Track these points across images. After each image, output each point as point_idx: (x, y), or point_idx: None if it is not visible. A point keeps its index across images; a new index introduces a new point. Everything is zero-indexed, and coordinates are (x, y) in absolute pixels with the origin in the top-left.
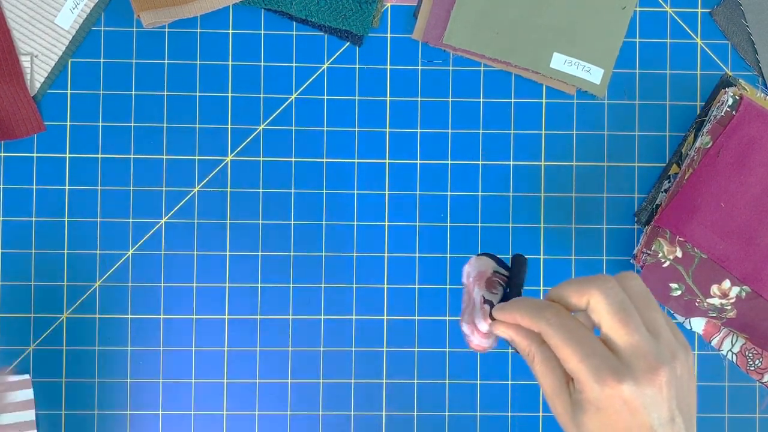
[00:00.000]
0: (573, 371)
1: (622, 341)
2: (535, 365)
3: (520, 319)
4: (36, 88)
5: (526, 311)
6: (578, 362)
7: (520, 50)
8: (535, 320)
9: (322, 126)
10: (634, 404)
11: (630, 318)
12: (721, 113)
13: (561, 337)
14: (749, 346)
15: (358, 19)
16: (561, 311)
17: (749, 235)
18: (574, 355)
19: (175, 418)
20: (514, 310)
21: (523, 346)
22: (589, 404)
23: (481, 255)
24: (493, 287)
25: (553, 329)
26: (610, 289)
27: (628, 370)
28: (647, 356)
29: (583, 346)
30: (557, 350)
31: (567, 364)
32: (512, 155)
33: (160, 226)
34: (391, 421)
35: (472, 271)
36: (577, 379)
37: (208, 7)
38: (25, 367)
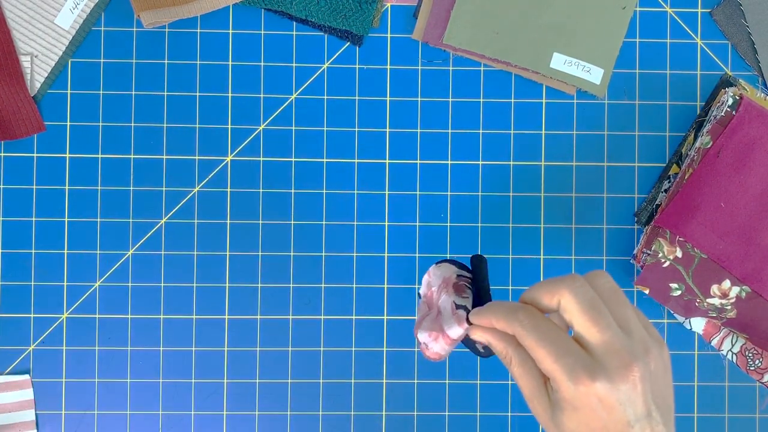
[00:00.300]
0: (548, 371)
1: (594, 339)
2: (513, 368)
3: (495, 322)
4: (36, 88)
5: (500, 314)
6: (552, 362)
7: (520, 50)
8: (509, 323)
9: (322, 126)
10: (608, 401)
11: (600, 316)
12: (721, 113)
13: (534, 338)
14: (749, 346)
15: (358, 19)
16: (533, 312)
17: (749, 235)
18: (548, 355)
19: (175, 417)
20: (489, 314)
21: (500, 349)
22: (566, 403)
23: (440, 263)
24: (463, 291)
25: (526, 331)
26: (579, 287)
27: (601, 367)
28: (620, 353)
29: (557, 346)
30: (532, 351)
31: (542, 364)
32: (512, 155)
33: (160, 226)
34: (391, 421)
35: (435, 280)
36: (553, 378)
37: (208, 7)
38: (25, 367)
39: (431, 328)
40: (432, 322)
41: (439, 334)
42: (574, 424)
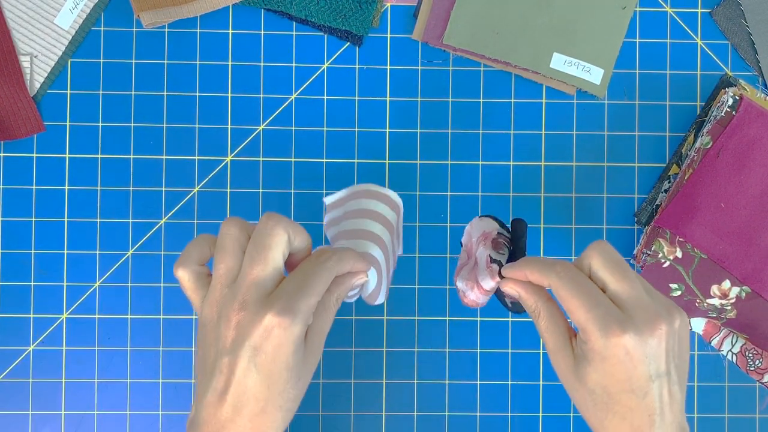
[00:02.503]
0: (579, 322)
1: (625, 293)
2: (540, 321)
3: (530, 274)
4: (36, 88)
5: (535, 267)
6: (586, 312)
7: (520, 50)
8: (545, 274)
9: (322, 126)
10: (635, 354)
11: (629, 272)
12: (721, 113)
13: (569, 289)
14: (749, 347)
15: (358, 19)
16: (570, 266)
17: (749, 235)
18: (582, 306)
19: (175, 418)
20: (524, 267)
21: (530, 303)
22: (594, 354)
23: (484, 216)
24: (500, 248)
25: (562, 281)
26: (609, 250)
27: (631, 321)
28: (648, 309)
29: (590, 297)
30: (565, 302)
31: (574, 315)
32: (512, 155)
33: (160, 226)
34: (391, 421)
35: (475, 231)
36: (583, 329)
37: (208, 7)
38: (25, 367)
39: (468, 277)
40: (469, 271)
41: (474, 284)
42: (599, 375)
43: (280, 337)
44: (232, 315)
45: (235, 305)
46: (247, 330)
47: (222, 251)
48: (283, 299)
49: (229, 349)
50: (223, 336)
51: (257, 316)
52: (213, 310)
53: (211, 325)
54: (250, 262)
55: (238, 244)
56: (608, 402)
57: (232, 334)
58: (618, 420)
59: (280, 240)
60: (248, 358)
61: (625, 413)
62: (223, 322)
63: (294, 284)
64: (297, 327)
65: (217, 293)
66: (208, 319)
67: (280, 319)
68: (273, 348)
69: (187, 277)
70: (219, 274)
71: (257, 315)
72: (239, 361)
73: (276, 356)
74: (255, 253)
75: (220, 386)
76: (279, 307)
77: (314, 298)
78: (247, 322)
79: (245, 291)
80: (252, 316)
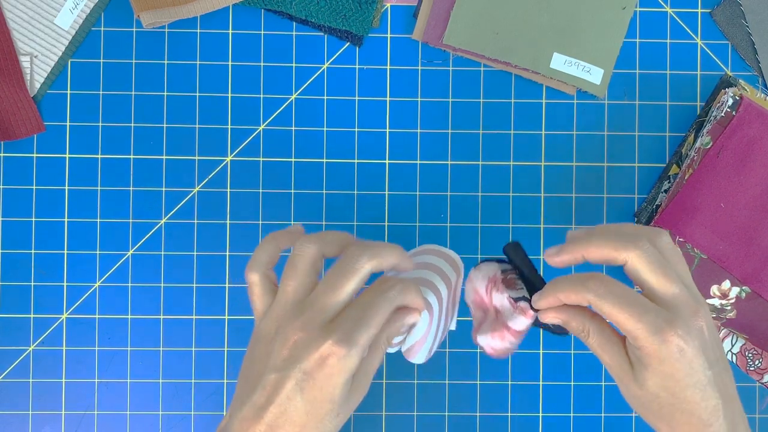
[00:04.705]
0: (630, 331)
1: (667, 293)
2: (591, 339)
3: (564, 298)
4: (36, 89)
5: (568, 288)
6: (636, 322)
7: (520, 50)
8: (581, 294)
9: (322, 126)
10: (689, 350)
11: (669, 272)
12: (721, 113)
13: (612, 303)
14: (749, 347)
15: (358, 19)
16: (603, 279)
17: (749, 236)
18: (631, 317)
19: (175, 418)
20: (555, 292)
21: (576, 325)
22: (651, 358)
23: (479, 265)
24: (513, 285)
25: (602, 298)
26: (648, 249)
27: (679, 318)
28: (689, 302)
29: (635, 306)
30: (611, 316)
31: (624, 326)
32: (512, 155)
33: (160, 227)
34: (391, 421)
35: (479, 283)
36: (636, 337)
37: (208, 7)
38: (25, 367)
39: (494, 329)
40: (492, 323)
41: (504, 331)
42: (660, 378)
43: (333, 366)
44: (291, 334)
45: (296, 324)
46: (302, 352)
47: (293, 269)
48: (344, 329)
49: (279, 367)
50: (277, 352)
51: (316, 341)
52: (272, 324)
53: (267, 339)
54: (325, 288)
55: (311, 264)
56: (674, 402)
57: (286, 353)
58: (687, 416)
59: (362, 275)
60: (296, 381)
61: (692, 409)
62: (280, 338)
63: (355, 314)
64: (353, 359)
65: (280, 309)
66: (264, 332)
67: (337, 349)
68: (324, 376)
69: (258, 281)
70: (286, 291)
71: (316, 340)
72: (287, 382)
73: (324, 385)
74: (334, 280)
75: (260, 402)
76: (338, 336)
77: (373, 330)
78: (305, 345)
79: (310, 313)
80: (310, 340)
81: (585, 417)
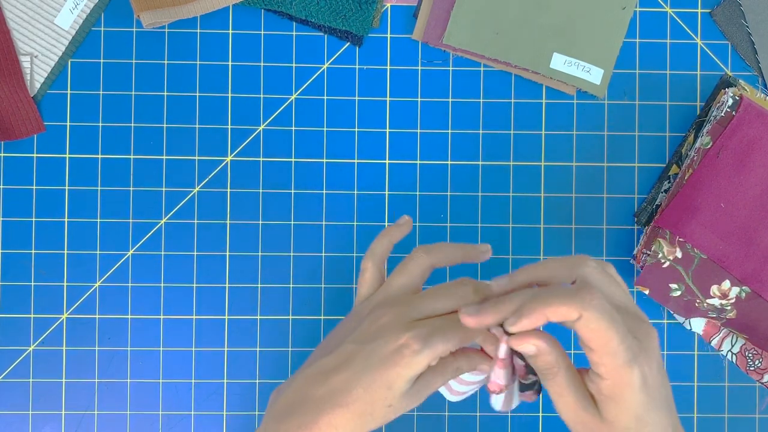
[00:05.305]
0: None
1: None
2: (559, 378)
3: (554, 311)
4: (36, 89)
5: (560, 299)
6: (618, 344)
7: (520, 50)
8: (575, 306)
9: (322, 126)
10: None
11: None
12: (721, 114)
13: (607, 320)
14: (749, 347)
15: (358, 19)
16: (598, 293)
17: (749, 236)
18: (616, 337)
19: (175, 418)
20: (541, 306)
21: (551, 359)
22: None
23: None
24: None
25: (599, 313)
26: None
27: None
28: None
29: (620, 327)
30: (596, 334)
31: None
32: (512, 155)
33: (160, 227)
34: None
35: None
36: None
37: (208, 7)
38: (25, 367)
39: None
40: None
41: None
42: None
43: (405, 357)
44: (382, 316)
45: (390, 311)
46: (385, 334)
47: (405, 269)
48: (426, 330)
49: (359, 340)
50: (363, 328)
51: (401, 329)
52: (369, 306)
53: (358, 316)
54: (428, 295)
55: (421, 270)
56: (641, 428)
57: (372, 330)
58: None
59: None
60: (368, 357)
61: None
62: (371, 317)
63: (439, 324)
64: (423, 358)
65: (381, 297)
66: (359, 312)
67: (413, 343)
68: (393, 363)
69: (371, 271)
70: (392, 284)
71: (402, 329)
72: (360, 355)
73: (390, 372)
74: (439, 293)
75: (330, 365)
76: (419, 333)
77: (450, 344)
78: (389, 328)
79: (405, 308)
80: (396, 327)
81: None
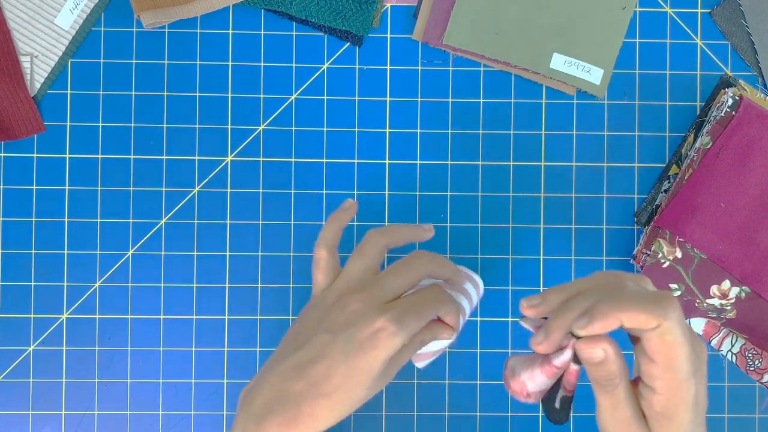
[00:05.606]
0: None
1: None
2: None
3: (630, 318)
4: (36, 89)
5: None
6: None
7: (520, 50)
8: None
9: (322, 126)
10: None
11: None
12: (721, 114)
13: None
14: (749, 347)
15: (358, 19)
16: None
17: (749, 236)
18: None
19: (175, 418)
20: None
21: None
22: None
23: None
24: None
25: (677, 323)
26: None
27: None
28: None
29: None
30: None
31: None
32: (512, 155)
33: (160, 227)
34: (391, 421)
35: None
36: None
37: (208, 7)
38: (25, 367)
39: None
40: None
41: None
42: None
43: (382, 340)
44: (351, 303)
45: (357, 296)
46: (357, 319)
47: (362, 252)
48: (399, 312)
49: (332, 329)
50: (333, 317)
51: (373, 314)
52: (333, 295)
53: (325, 306)
54: (390, 273)
55: (378, 251)
56: None
57: (343, 319)
58: None
59: (423, 274)
60: (345, 345)
61: None
62: (339, 306)
63: (410, 304)
64: (399, 339)
65: (344, 283)
66: (322, 301)
67: (389, 326)
68: (371, 347)
69: (326, 258)
70: (353, 269)
71: (374, 313)
72: (336, 344)
73: (369, 356)
74: (400, 270)
75: (305, 358)
76: (393, 315)
77: (422, 322)
78: (361, 314)
79: (372, 290)
80: (368, 312)
81: (585, 417)
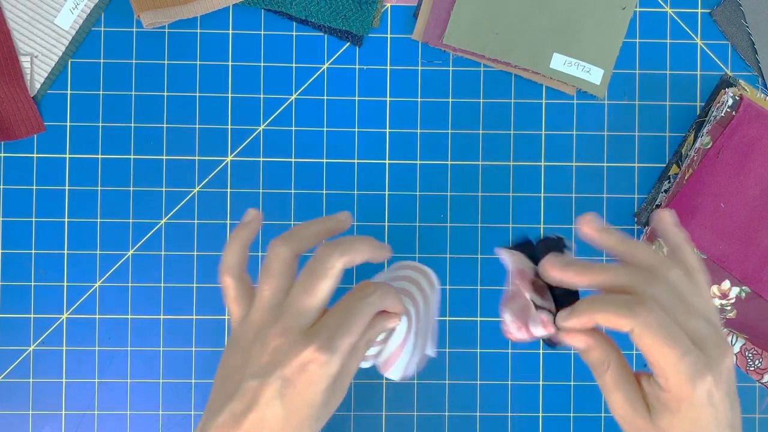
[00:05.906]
0: (665, 369)
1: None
2: (609, 375)
3: (602, 320)
4: (36, 89)
5: (613, 309)
6: (677, 360)
7: (520, 50)
8: (628, 318)
9: (322, 126)
10: (717, 395)
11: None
12: (721, 114)
13: (660, 336)
14: (749, 346)
15: (358, 19)
16: (654, 307)
17: (749, 236)
18: (673, 353)
19: (175, 418)
20: (594, 312)
21: (599, 355)
22: (680, 402)
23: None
24: (543, 293)
25: (651, 328)
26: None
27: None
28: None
29: (682, 343)
30: (652, 349)
31: (660, 362)
32: (512, 155)
33: (160, 227)
34: (391, 421)
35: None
36: (667, 377)
37: (208, 7)
38: (25, 367)
39: (519, 315)
40: (521, 310)
41: (522, 326)
42: (683, 424)
43: (314, 373)
44: (271, 339)
45: (275, 330)
46: (283, 358)
47: (268, 273)
48: (325, 335)
49: (258, 373)
50: (256, 358)
51: (296, 347)
52: (250, 330)
53: (245, 345)
54: (299, 291)
55: (286, 266)
56: None
57: (266, 359)
58: None
59: (335, 275)
60: (276, 388)
61: None
62: (259, 344)
63: (336, 320)
64: (334, 365)
65: (258, 314)
66: (242, 338)
67: (319, 355)
68: (304, 383)
69: (232, 285)
70: (263, 296)
71: (297, 346)
72: (266, 389)
73: (305, 392)
74: (307, 283)
75: (239, 409)
76: (320, 342)
77: (355, 336)
78: (285, 351)
79: (289, 318)
80: (291, 345)
81: (585, 417)
